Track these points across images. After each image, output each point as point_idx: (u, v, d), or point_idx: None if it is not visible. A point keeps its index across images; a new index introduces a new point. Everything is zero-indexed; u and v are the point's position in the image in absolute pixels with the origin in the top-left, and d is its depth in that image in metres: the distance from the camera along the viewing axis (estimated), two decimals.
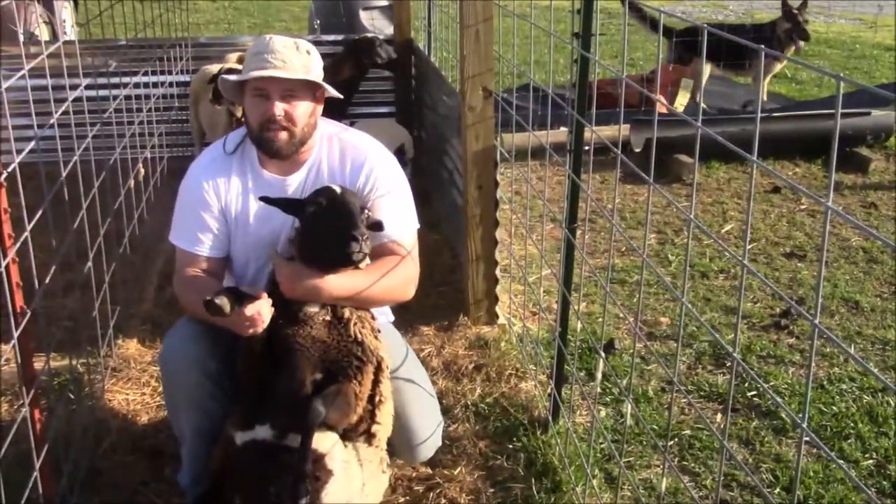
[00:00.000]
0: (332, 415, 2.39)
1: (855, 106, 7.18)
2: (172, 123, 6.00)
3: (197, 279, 2.58)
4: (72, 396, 3.40)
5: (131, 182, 4.28)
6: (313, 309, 2.45)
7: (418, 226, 2.77)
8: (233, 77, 2.58)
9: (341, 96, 2.72)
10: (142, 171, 4.58)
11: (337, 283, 2.42)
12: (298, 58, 2.53)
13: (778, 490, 3.05)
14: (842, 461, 3.20)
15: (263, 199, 2.51)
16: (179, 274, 2.64)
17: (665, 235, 5.51)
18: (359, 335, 2.44)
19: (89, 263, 3.28)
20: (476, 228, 3.90)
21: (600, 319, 4.32)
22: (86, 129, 3.50)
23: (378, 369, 2.49)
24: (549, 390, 3.37)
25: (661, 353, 4.04)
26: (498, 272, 4.06)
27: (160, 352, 2.71)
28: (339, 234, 2.35)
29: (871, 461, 3.21)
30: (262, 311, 2.35)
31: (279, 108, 2.50)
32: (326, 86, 2.61)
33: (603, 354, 3.25)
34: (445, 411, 3.42)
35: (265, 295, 2.39)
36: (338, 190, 2.46)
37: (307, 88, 2.57)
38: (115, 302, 3.86)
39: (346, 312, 2.47)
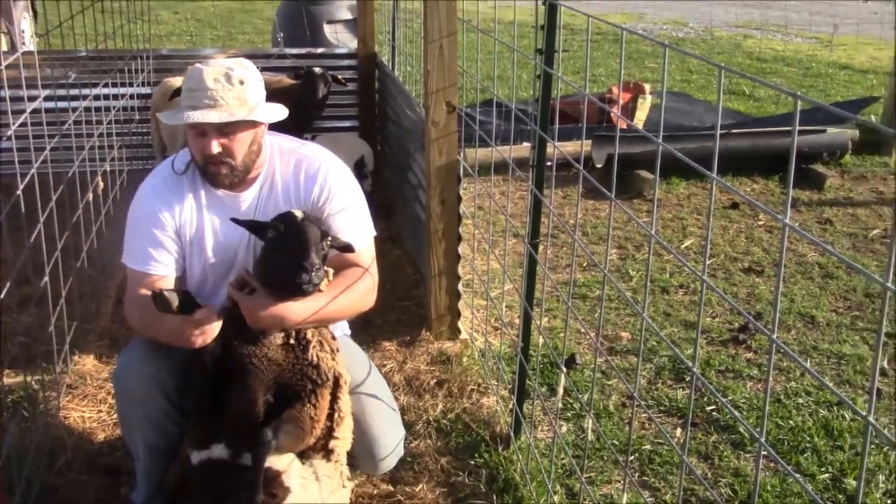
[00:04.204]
0: (285, 442, 2.38)
1: (811, 124, 7.33)
2: (133, 136, 5.93)
3: (148, 301, 2.53)
4: (26, 414, 3.34)
5: (90, 195, 4.22)
6: (273, 334, 2.43)
7: (375, 233, 2.77)
8: (165, 120, 2.52)
9: (284, 116, 2.62)
10: (100, 184, 4.53)
11: (300, 309, 2.39)
12: (231, 91, 2.45)
13: None
14: (798, 475, 3.24)
15: (234, 220, 2.48)
16: (130, 295, 2.60)
17: (626, 251, 5.56)
18: (315, 358, 2.42)
19: (45, 278, 3.23)
20: (439, 243, 3.91)
21: (562, 334, 4.36)
22: (44, 140, 3.45)
23: (336, 386, 2.48)
24: (510, 406, 3.37)
25: (622, 368, 4.07)
26: (460, 287, 4.07)
27: (115, 369, 2.67)
28: (291, 264, 2.32)
29: (827, 475, 3.25)
30: (210, 317, 2.33)
31: (216, 145, 2.47)
32: (263, 118, 2.54)
33: (564, 370, 3.26)
34: (407, 427, 3.40)
35: (213, 306, 2.37)
36: (298, 216, 2.41)
37: (244, 120, 2.51)
38: (72, 317, 3.80)
39: (308, 334, 2.45)
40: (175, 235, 2.61)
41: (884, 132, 6.61)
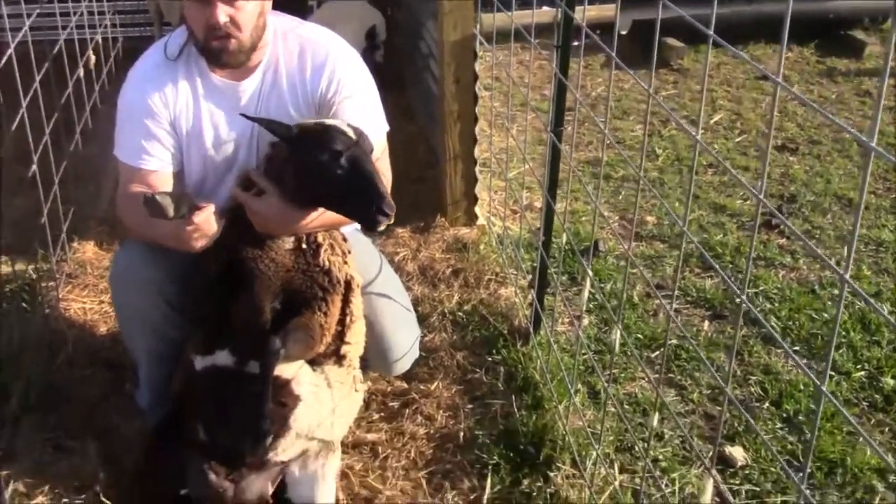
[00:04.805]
0: (294, 350, 2.21)
1: None
2: (127, 0, 5.56)
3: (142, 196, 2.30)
4: (25, 306, 3.20)
5: (80, 70, 3.94)
6: (282, 238, 2.21)
7: (388, 128, 2.50)
8: None
9: None
10: (92, 58, 4.23)
11: (314, 214, 2.19)
12: None
13: (767, 405, 2.94)
14: (833, 373, 3.08)
15: (246, 116, 2.21)
16: (123, 191, 2.36)
17: (652, 126, 5.26)
18: (327, 263, 2.22)
19: (34, 166, 3.02)
20: (454, 125, 3.64)
21: (584, 219, 4.15)
22: (21, 6, 3.14)
23: (347, 289, 2.29)
24: (529, 298, 3.20)
25: (647, 256, 3.87)
26: (477, 170, 3.83)
27: (111, 272, 2.48)
28: (371, 204, 2.05)
29: (862, 373, 3.09)
30: (210, 220, 2.10)
31: (222, 13, 2.16)
32: None
33: (590, 274, 3.06)
34: (422, 319, 3.25)
35: (213, 206, 2.12)
36: (353, 136, 2.11)
37: None
38: (69, 201, 3.61)
39: (319, 237, 2.24)
40: (170, 127, 2.36)
41: None
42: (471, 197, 3.85)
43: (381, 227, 2.10)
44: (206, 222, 2.07)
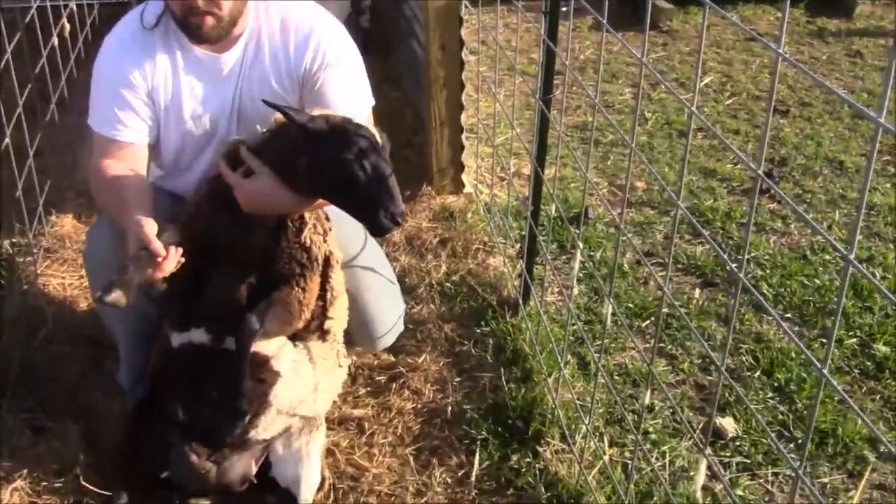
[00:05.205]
0: (272, 326, 2.14)
1: None
2: None
3: (117, 181, 2.20)
4: (1, 282, 3.12)
5: (55, 39, 3.83)
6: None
7: (373, 102, 2.42)
8: None
9: None
10: (67, 26, 4.11)
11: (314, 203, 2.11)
12: None
13: (758, 374, 2.90)
14: (824, 340, 3.05)
15: (267, 102, 2.04)
16: (96, 165, 2.26)
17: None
18: (308, 241, 2.15)
19: (7, 139, 2.92)
20: (440, 92, 3.55)
21: (573, 185, 4.08)
22: None
23: (327, 265, 2.23)
24: (518, 268, 3.15)
25: (637, 223, 3.82)
26: (464, 138, 3.75)
27: (85, 248, 2.41)
28: (380, 207, 1.96)
29: (854, 339, 3.06)
30: (170, 265, 1.97)
31: None
32: None
33: (580, 246, 3.00)
34: (409, 291, 3.20)
35: (174, 250, 1.98)
36: (380, 140, 2.04)
37: None
38: (45, 174, 3.52)
39: (306, 216, 2.16)
40: (147, 98, 2.27)
41: None
42: (457, 165, 3.77)
43: (389, 234, 2.02)
44: (168, 263, 1.96)
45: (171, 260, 1.95)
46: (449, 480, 2.47)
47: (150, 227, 1.96)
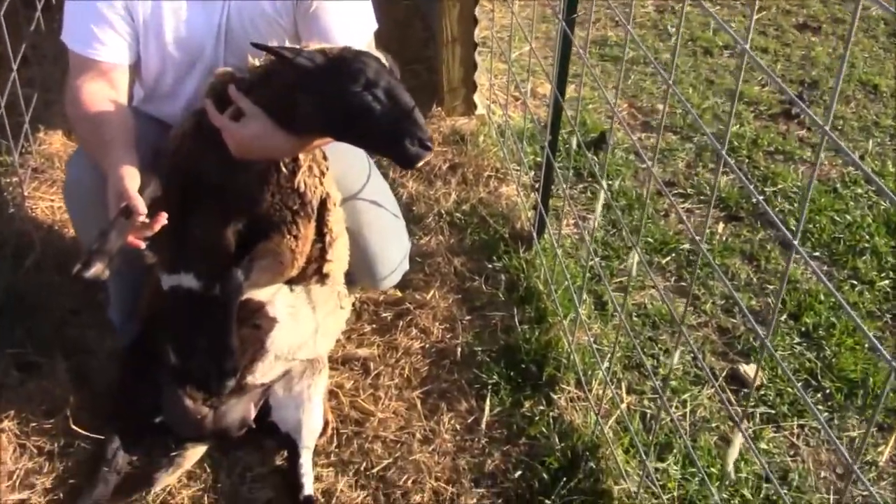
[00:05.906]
0: (262, 278, 1.97)
1: None
2: None
3: (97, 115, 1.98)
4: None
5: None
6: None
7: (376, 26, 2.18)
8: None
9: None
10: None
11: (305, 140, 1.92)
12: None
13: (785, 317, 2.75)
14: (855, 282, 2.89)
15: (256, 45, 1.84)
16: (73, 88, 2.04)
17: (664, 2, 4.88)
18: (302, 185, 1.97)
19: None
20: (453, 6, 3.29)
21: (591, 106, 3.86)
22: None
23: (323, 208, 2.05)
24: (532, 199, 2.96)
25: (659, 149, 3.60)
26: (477, 55, 3.51)
27: (65, 186, 2.23)
28: (406, 136, 1.75)
29: (887, 281, 2.90)
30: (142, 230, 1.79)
31: None
32: None
33: (605, 197, 2.81)
34: (417, 220, 3.03)
35: (158, 216, 1.78)
36: (385, 63, 1.83)
37: None
38: (31, 86, 3.30)
39: (301, 157, 1.97)
40: (125, 12, 2.05)
41: None
42: (469, 84, 3.55)
43: (420, 164, 1.82)
44: (150, 230, 1.77)
45: (154, 227, 1.76)
46: (458, 427, 2.35)
47: (132, 178, 1.77)
